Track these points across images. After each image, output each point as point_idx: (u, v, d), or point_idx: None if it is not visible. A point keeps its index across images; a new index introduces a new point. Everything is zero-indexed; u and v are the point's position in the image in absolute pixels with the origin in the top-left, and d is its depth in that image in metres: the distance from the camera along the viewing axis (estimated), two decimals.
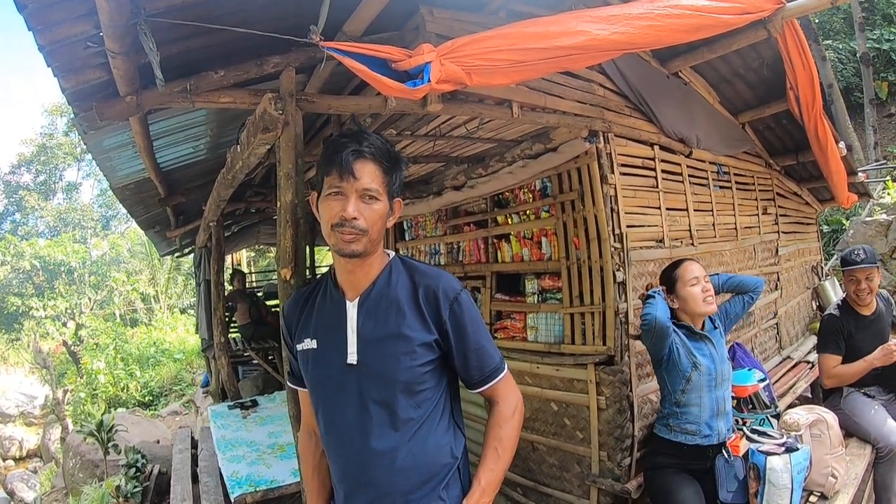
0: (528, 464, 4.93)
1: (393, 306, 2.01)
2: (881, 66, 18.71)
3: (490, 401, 2.18)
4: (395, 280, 2.06)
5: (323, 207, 1.96)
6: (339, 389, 2.01)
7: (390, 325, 1.99)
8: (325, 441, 2.11)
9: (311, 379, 2.11)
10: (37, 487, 12.56)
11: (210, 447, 6.15)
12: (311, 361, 2.08)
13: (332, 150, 1.94)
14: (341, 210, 1.89)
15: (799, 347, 7.02)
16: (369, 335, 2.00)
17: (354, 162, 1.90)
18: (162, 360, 19.36)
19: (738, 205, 6.02)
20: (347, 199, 1.90)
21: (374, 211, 1.94)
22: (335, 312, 2.06)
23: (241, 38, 2.65)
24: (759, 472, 3.36)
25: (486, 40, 2.63)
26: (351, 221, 1.89)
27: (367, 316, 2.02)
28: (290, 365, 2.29)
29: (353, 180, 1.89)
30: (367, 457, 1.96)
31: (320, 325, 2.09)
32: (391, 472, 1.94)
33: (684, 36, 3.06)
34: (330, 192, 1.93)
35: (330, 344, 2.04)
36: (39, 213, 35.69)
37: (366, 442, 1.96)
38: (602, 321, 4.25)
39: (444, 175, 5.73)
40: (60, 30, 2.17)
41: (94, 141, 4.16)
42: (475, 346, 2.06)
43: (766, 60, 4.97)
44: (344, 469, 2.03)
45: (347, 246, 1.91)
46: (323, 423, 2.08)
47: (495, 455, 2.08)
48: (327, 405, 2.05)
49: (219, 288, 7.46)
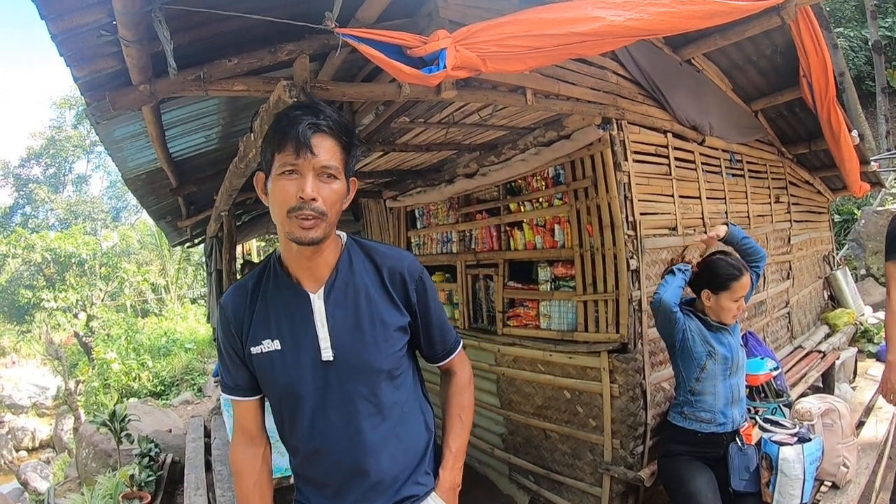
0: (541, 451, 4.94)
1: (361, 293, 1.92)
2: (893, 54, 18.58)
3: (447, 372, 2.22)
4: (357, 264, 1.95)
5: (275, 188, 1.76)
6: (317, 390, 1.87)
7: (363, 314, 1.90)
8: (304, 446, 1.95)
9: (279, 383, 1.90)
10: (50, 478, 12.64)
11: (223, 436, 6.18)
12: (277, 364, 1.88)
13: (284, 123, 1.75)
14: (298, 190, 1.70)
15: (811, 337, 7.00)
16: (342, 327, 1.88)
17: (312, 136, 1.72)
18: (173, 349, 19.39)
19: (750, 193, 6.00)
20: (304, 178, 1.71)
21: (333, 191, 1.77)
22: (297, 307, 1.89)
23: (254, 26, 2.63)
24: (771, 462, 3.36)
25: (501, 26, 2.63)
26: (310, 203, 1.70)
27: (336, 307, 1.89)
28: (231, 373, 1.98)
29: (310, 157, 1.70)
30: (359, 450, 1.88)
31: (280, 322, 1.90)
32: (384, 459, 1.91)
33: (698, 23, 3.04)
34: (283, 170, 1.72)
35: (297, 342, 1.88)
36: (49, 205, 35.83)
37: (357, 435, 1.88)
38: (615, 309, 4.25)
39: (456, 163, 5.72)
40: (73, 18, 2.16)
41: (106, 131, 4.15)
42: (438, 322, 2.08)
43: (779, 48, 4.94)
44: (332, 468, 1.91)
45: (306, 234, 1.73)
46: (301, 427, 1.91)
47: (460, 422, 2.14)
48: (305, 408, 1.89)
49: (231, 277, 7.47)
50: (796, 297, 6.92)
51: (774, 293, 6.32)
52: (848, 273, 8.54)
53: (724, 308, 3.50)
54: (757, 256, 3.78)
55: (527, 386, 5.10)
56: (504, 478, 5.47)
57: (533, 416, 5.04)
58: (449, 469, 2.06)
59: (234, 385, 1.98)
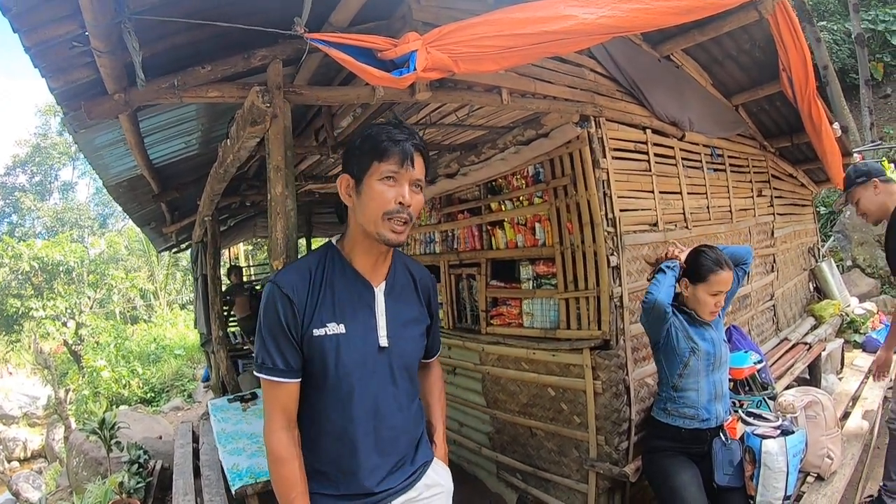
0: (527, 449, 4.95)
1: (406, 293, 2.23)
2: (876, 46, 18.67)
3: (426, 365, 2.54)
4: (402, 270, 2.25)
5: (373, 191, 1.97)
6: (373, 372, 2.07)
7: (408, 311, 2.21)
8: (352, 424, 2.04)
9: (341, 364, 2.00)
10: (42, 487, 12.58)
11: (211, 441, 6.16)
12: (343, 346, 2.01)
13: (384, 137, 1.97)
14: (398, 195, 1.95)
15: (797, 329, 7.04)
16: (395, 319, 2.13)
17: (414, 152, 1.99)
18: (163, 356, 19.36)
19: (732, 187, 6.03)
20: (402, 187, 1.97)
21: (419, 201, 2.04)
22: (362, 297, 2.09)
23: (228, 33, 2.64)
24: (754, 456, 3.37)
25: (472, 27, 2.63)
26: (406, 208, 1.97)
27: (393, 301, 2.14)
28: (283, 354, 1.99)
29: (411, 169, 1.97)
30: (398, 427, 2.15)
31: (346, 309, 2.05)
32: (409, 437, 2.21)
33: (674, 19, 3.05)
34: (385, 176, 1.96)
35: (359, 328, 2.05)
36: (36, 213, 35.60)
37: (398, 414, 2.14)
38: (597, 306, 4.26)
39: (436, 163, 5.73)
40: (46, 30, 2.18)
41: (86, 140, 4.15)
42: (437, 329, 2.46)
43: (758, 42, 4.96)
44: (373, 446, 2.09)
45: (397, 237, 1.99)
46: (353, 406, 2.04)
47: (441, 403, 2.57)
48: (363, 387, 2.06)
49: (216, 282, 7.46)
50: (781, 290, 6.96)
51: (759, 286, 6.35)
52: (833, 265, 8.58)
53: (701, 301, 3.47)
54: (742, 259, 3.76)
55: (511, 384, 5.11)
56: (492, 476, 5.47)
57: (518, 414, 5.05)
58: (441, 437, 2.48)
59: (286, 367, 2.01)
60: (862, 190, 4.06)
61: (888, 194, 3.98)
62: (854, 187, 4.10)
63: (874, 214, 4.06)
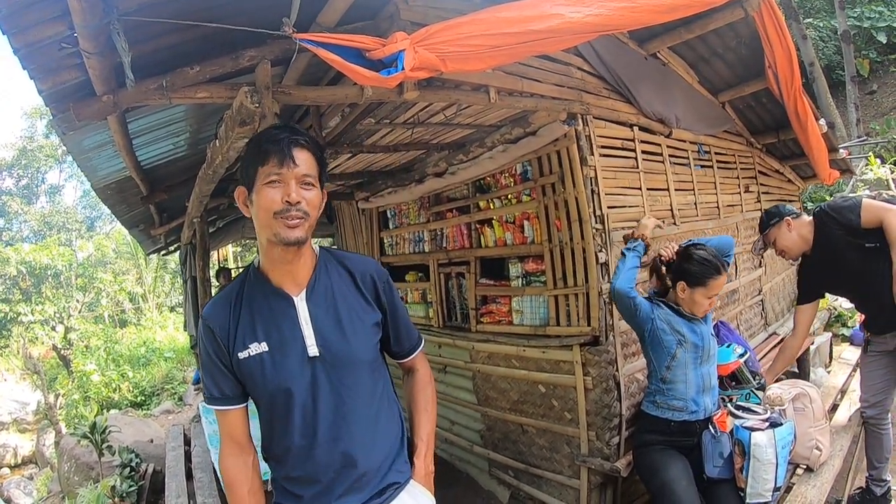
0: (519, 446, 4.98)
1: (338, 294, 2.10)
2: (862, 43, 18.83)
3: (410, 369, 2.42)
4: (331, 269, 2.14)
5: (261, 197, 1.93)
6: (306, 385, 1.99)
7: (342, 312, 2.07)
8: (295, 444, 2.02)
9: (270, 382, 1.98)
10: (33, 494, 12.55)
11: (203, 443, 6.17)
12: (267, 364, 1.98)
13: (265, 140, 1.94)
14: (284, 195, 1.89)
15: (785, 323, 7.09)
16: (324, 325, 2.04)
17: (293, 149, 1.92)
18: (153, 359, 19.29)
19: (719, 183, 6.08)
20: (288, 186, 1.91)
21: (312, 196, 1.96)
22: (281, 310, 2.03)
23: (217, 33, 2.64)
24: (743, 448, 3.39)
25: (460, 26, 2.65)
26: (296, 205, 1.90)
27: (318, 307, 2.05)
28: (217, 384, 2.05)
29: (293, 167, 1.91)
30: (347, 441, 2.02)
31: (266, 325, 2.02)
32: (370, 448, 2.06)
33: (659, 17, 3.08)
34: (268, 180, 1.91)
35: (283, 342, 2.00)
36: (23, 217, 35.29)
37: (346, 427, 2.02)
38: (586, 302, 4.29)
39: (425, 162, 5.74)
40: (35, 32, 2.17)
41: (74, 141, 4.13)
42: (403, 321, 2.30)
43: (743, 39, 4.99)
44: (323, 462, 2.01)
45: (292, 232, 1.91)
46: (293, 424, 2.00)
47: (427, 415, 2.33)
48: (296, 404, 1.99)
49: (205, 284, 7.44)
50: (769, 285, 7.01)
51: (747, 281, 6.40)
52: None
53: (697, 302, 3.52)
54: (725, 251, 3.75)
55: (502, 381, 5.13)
56: (484, 474, 5.49)
57: (510, 411, 5.07)
58: (423, 457, 2.22)
59: (221, 395, 2.05)
60: (776, 230, 4.17)
61: (801, 227, 4.08)
62: (769, 230, 4.21)
63: (791, 250, 4.15)
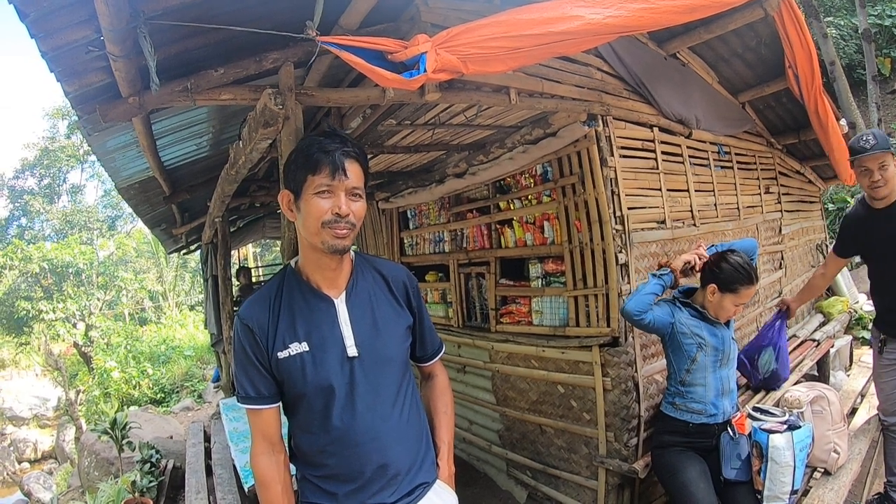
0: (537, 446, 4.98)
1: (375, 297, 2.18)
2: (884, 42, 18.59)
3: (430, 374, 2.50)
4: (366, 273, 2.21)
5: (310, 206, 1.97)
6: (345, 384, 2.04)
7: (378, 314, 2.15)
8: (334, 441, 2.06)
9: (311, 382, 2.03)
10: (53, 488, 12.67)
11: (223, 440, 6.21)
12: (308, 364, 2.03)
13: (316, 149, 1.97)
14: (334, 207, 1.94)
15: (805, 325, 7.03)
16: (362, 326, 2.10)
17: (345, 161, 1.96)
18: (172, 356, 19.45)
19: (739, 184, 6.03)
20: (338, 197, 1.96)
21: (358, 208, 2.01)
22: (321, 311, 2.09)
23: (240, 36, 2.68)
24: (761, 450, 3.39)
25: (480, 28, 2.66)
26: (345, 217, 1.95)
27: (356, 309, 2.11)
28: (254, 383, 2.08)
29: (344, 179, 1.95)
30: (385, 440, 2.07)
31: (307, 326, 2.07)
32: (403, 448, 2.12)
33: (679, 17, 3.07)
34: (319, 190, 1.95)
35: (324, 342, 2.05)
36: (45, 216, 35.66)
37: (383, 426, 2.07)
38: (606, 303, 4.29)
39: (445, 163, 5.76)
40: (62, 36, 2.20)
41: (99, 142, 4.19)
42: (428, 326, 2.39)
43: (763, 39, 4.96)
44: (360, 461, 2.05)
45: (340, 242, 1.97)
46: (332, 422, 2.04)
47: (447, 418, 2.42)
48: (336, 403, 2.04)
49: (226, 283, 7.50)
50: (789, 287, 6.95)
51: (767, 283, 6.35)
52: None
53: (725, 308, 3.51)
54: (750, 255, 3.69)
55: (521, 382, 5.14)
56: (502, 474, 5.50)
57: (528, 411, 5.08)
58: (446, 459, 2.31)
59: (257, 394, 2.08)
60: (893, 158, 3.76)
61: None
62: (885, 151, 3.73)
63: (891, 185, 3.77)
